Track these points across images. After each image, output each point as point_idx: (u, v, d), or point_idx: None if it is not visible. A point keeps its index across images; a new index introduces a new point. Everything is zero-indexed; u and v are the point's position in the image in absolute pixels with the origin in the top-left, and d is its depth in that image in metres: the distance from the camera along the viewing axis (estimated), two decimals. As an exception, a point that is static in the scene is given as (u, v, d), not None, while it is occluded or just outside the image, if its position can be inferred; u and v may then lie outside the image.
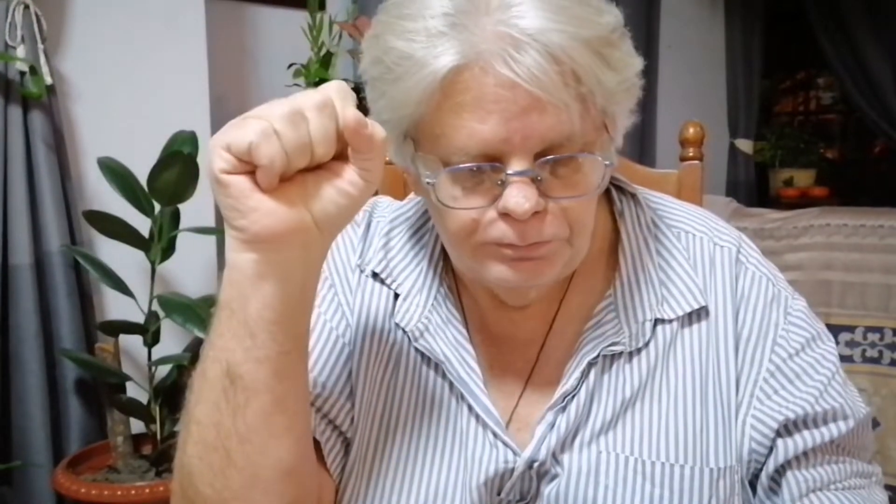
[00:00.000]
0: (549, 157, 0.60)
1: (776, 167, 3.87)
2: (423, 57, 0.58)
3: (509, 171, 0.60)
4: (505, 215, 0.61)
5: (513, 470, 0.70)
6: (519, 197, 0.60)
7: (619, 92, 0.63)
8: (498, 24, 0.57)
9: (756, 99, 3.72)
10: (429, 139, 0.62)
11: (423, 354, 0.74)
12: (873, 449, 0.75)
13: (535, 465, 0.70)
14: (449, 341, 0.73)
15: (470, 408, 0.72)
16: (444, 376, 0.73)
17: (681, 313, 0.71)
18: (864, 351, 2.32)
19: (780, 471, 0.70)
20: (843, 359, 2.34)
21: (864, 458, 0.72)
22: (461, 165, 0.61)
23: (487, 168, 0.61)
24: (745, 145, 3.67)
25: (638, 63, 0.65)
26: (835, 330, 2.33)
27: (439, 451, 0.72)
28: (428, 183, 0.63)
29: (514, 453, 0.70)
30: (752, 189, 3.70)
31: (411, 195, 0.81)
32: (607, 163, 0.63)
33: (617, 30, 0.62)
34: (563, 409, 0.70)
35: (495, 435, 0.71)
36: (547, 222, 0.62)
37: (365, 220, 0.79)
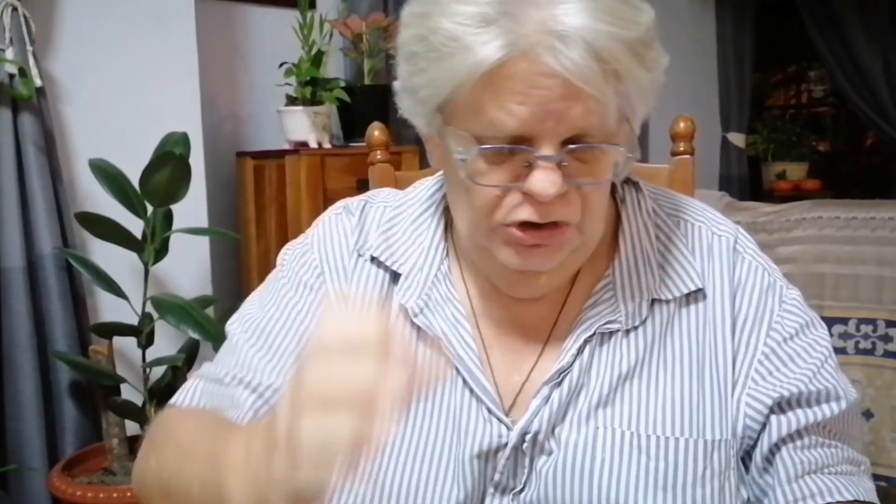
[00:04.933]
0: (578, 145, 0.63)
1: (768, 161, 3.89)
2: (472, 42, 0.61)
3: (538, 154, 0.63)
4: (529, 196, 0.64)
5: (506, 444, 0.71)
6: (546, 182, 0.63)
7: (650, 90, 0.66)
8: (546, 19, 0.60)
9: (748, 93, 3.73)
10: (463, 115, 0.65)
11: (420, 332, 0.75)
12: (863, 442, 0.77)
13: (528, 437, 0.71)
14: (447, 318, 0.75)
15: (465, 382, 0.73)
16: (442, 353, 0.74)
17: (678, 294, 0.74)
18: (857, 343, 2.32)
19: (774, 450, 0.72)
20: (837, 351, 2.34)
21: (855, 447, 0.74)
22: (494, 146, 0.64)
23: (518, 149, 0.64)
24: (737, 139, 3.68)
25: (666, 60, 0.67)
26: (828, 322, 2.33)
27: (434, 425, 0.73)
28: (460, 159, 0.66)
29: (508, 428, 0.71)
30: (744, 183, 3.71)
31: (413, 185, 0.83)
32: (630, 155, 0.67)
33: (651, 28, 0.64)
34: (559, 384, 0.72)
35: (490, 411, 0.72)
36: (566, 204, 0.65)
37: (360, 207, 0.81)
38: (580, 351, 0.72)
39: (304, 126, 2.09)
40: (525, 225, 0.66)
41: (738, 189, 3.57)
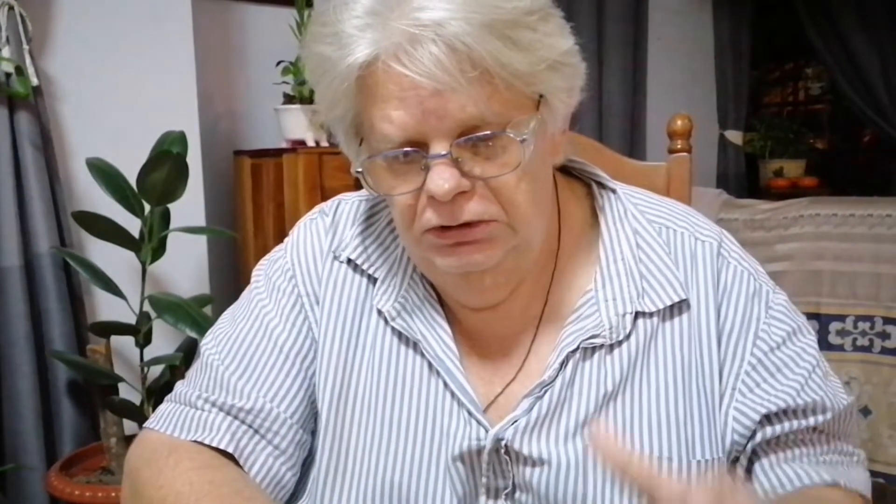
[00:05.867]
0: (464, 138, 0.63)
1: (766, 158, 3.88)
2: (337, 58, 0.64)
3: (429, 154, 0.63)
4: (432, 199, 0.64)
5: (484, 447, 0.71)
6: (439, 179, 0.63)
7: (538, 72, 0.64)
8: (401, 19, 0.61)
9: (745, 90, 3.73)
10: (366, 133, 0.67)
11: (400, 335, 0.75)
12: (859, 438, 0.76)
13: (503, 443, 0.71)
14: (425, 320, 0.75)
15: (446, 385, 0.73)
16: (422, 355, 0.74)
17: (661, 306, 0.72)
18: (854, 340, 2.33)
19: (758, 449, 0.72)
20: (834, 348, 2.35)
21: (849, 441, 0.74)
22: (385, 153, 0.65)
23: (410, 153, 0.64)
24: (734, 136, 3.68)
25: (564, 43, 0.66)
26: (825, 319, 2.34)
27: (412, 426, 0.73)
28: (357, 171, 0.68)
29: (486, 430, 0.71)
30: (742, 180, 3.71)
31: None
32: (521, 139, 0.64)
33: (535, 12, 0.64)
34: (540, 397, 0.71)
35: (470, 413, 0.72)
36: (474, 201, 0.65)
37: (333, 207, 0.82)
38: (563, 366, 0.71)
39: (301, 124, 2.09)
40: (441, 227, 0.66)
41: (736, 186, 3.57)
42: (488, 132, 0.63)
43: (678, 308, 0.73)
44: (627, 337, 0.72)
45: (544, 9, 0.65)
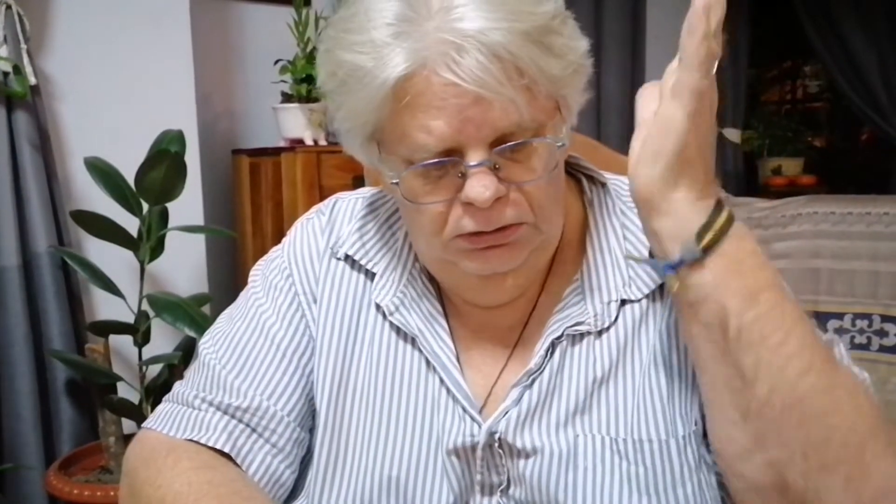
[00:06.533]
0: (503, 146, 0.64)
1: (764, 156, 3.89)
2: (373, 68, 0.62)
3: (468, 163, 0.63)
4: (468, 205, 0.65)
5: (478, 443, 0.71)
6: (479, 186, 0.63)
7: (566, 76, 0.65)
8: (440, 29, 0.60)
9: (743, 88, 3.73)
10: (391, 141, 0.66)
11: (398, 330, 0.76)
12: None
13: (496, 436, 0.71)
14: (423, 315, 0.75)
15: (442, 381, 0.74)
16: (420, 351, 0.75)
17: (647, 291, 0.73)
18: (852, 338, 2.33)
19: None
20: (833, 346, 2.35)
21: None
22: (422, 163, 0.64)
23: (447, 162, 0.64)
24: (732, 135, 3.68)
25: (583, 45, 0.68)
26: (823, 317, 2.34)
27: (410, 422, 0.74)
28: (392, 183, 0.67)
29: (479, 426, 0.72)
30: (740, 178, 3.71)
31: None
32: (559, 144, 0.66)
33: (558, 16, 0.65)
34: (529, 386, 0.72)
35: (464, 409, 0.72)
36: (509, 206, 0.66)
37: (330, 206, 0.82)
38: (549, 353, 0.72)
39: (299, 123, 2.09)
40: (475, 232, 0.66)
41: (734, 184, 3.57)
42: (527, 139, 0.64)
43: (663, 290, 0.73)
44: (615, 322, 0.72)
45: (562, 11, 0.66)
